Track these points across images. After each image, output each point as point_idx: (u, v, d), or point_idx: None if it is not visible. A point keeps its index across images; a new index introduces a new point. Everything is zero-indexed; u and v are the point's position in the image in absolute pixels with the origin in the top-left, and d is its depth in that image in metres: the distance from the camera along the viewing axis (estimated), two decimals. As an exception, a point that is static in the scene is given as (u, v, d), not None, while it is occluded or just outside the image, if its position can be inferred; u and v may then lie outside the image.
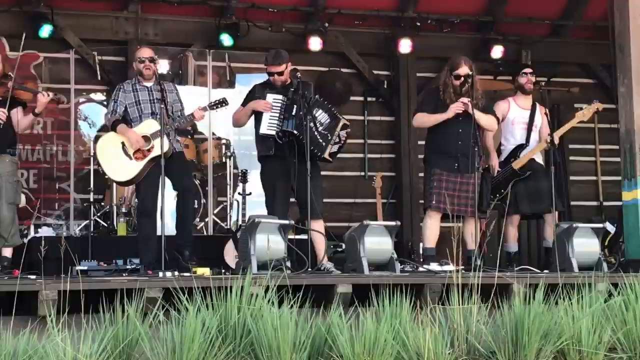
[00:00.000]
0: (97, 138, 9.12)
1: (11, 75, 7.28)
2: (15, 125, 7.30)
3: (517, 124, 8.28)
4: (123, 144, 7.39)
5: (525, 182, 8.18)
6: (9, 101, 7.15)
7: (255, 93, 7.66)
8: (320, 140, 7.42)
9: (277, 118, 7.44)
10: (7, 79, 7.23)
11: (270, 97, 7.51)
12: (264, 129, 7.47)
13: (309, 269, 7.16)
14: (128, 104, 7.51)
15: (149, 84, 7.53)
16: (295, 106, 7.35)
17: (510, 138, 8.31)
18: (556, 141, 8.03)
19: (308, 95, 7.47)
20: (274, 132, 7.41)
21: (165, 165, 7.16)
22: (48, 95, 7.27)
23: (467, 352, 5.83)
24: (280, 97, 7.50)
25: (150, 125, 7.34)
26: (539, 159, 8.33)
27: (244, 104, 7.69)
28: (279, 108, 7.46)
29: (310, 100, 7.45)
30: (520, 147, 8.24)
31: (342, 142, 7.57)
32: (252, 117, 7.62)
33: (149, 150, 7.32)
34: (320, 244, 7.45)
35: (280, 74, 7.55)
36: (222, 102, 7.59)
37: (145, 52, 7.61)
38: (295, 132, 7.30)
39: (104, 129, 9.71)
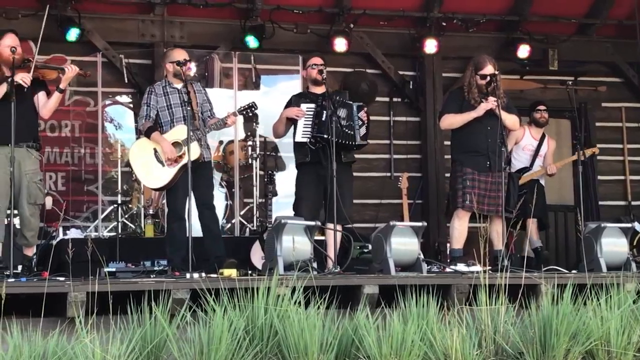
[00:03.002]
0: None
1: (30, 59, 7.11)
2: (40, 110, 7.14)
3: (526, 150, 9.43)
4: (155, 150, 7.45)
5: (527, 196, 8.29)
6: (29, 84, 6.95)
7: (292, 103, 7.94)
8: (348, 132, 7.69)
9: (310, 126, 7.71)
10: (27, 62, 7.07)
11: (304, 107, 7.78)
12: (298, 137, 7.76)
13: (335, 270, 7.20)
14: (160, 108, 7.56)
15: (178, 86, 7.52)
16: (324, 112, 7.58)
17: (517, 160, 9.37)
18: (554, 171, 9.35)
19: (337, 99, 7.72)
20: (307, 140, 7.67)
21: (193, 171, 7.22)
22: (75, 68, 7.12)
23: (495, 352, 5.81)
24: (313, 105, 7.73)
25: (181, 131, 7.32)
26: (542, 180, 9.40)
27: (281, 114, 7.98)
28: (312, 116, 7.70)
29: (335, 102, 7.65)
30: (524, 169, 9.31)
31: (365, 122, 7.83)
32: (293, 126, 7.88)
33: (180, 157, 7.36)
34: (331, 248, 7.53)
35: (321, 69, 7.81)
36: (251, 107, 7.67)
37: (184, 54, 7.58)
38: (325, 136, 7.51)
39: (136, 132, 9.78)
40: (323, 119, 7.57)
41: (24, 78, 6.94)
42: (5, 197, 6.92)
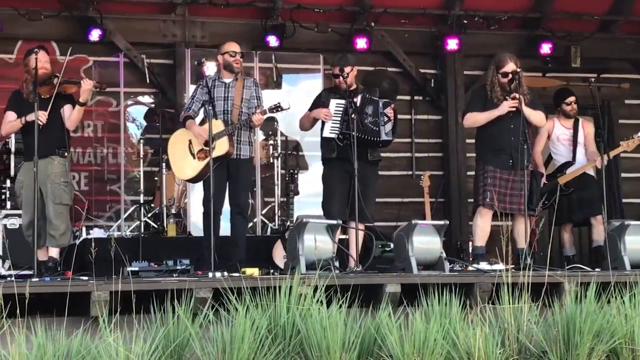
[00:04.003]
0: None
1: (58, 75, 7.35)
2: (65, 122, 7.36)
3: (561, 141, 8.82)
4: (190, 141, 7.53)
5: (576, 194, 8.45)
6: (53, 99, 7.20)
7: (322, 98, 7.94)
8: (374, 128, 7.68)
9: (338, 122, 7.69)
10: (53, 78, 7.33)
11: (333, 103, 7.75)
12: (326, 133, 7.76)
13: (357, 269, 7.21)
14: (205, 101, 7.60)
15: (227, 80, 7.59)
16: (354, 108, 7.60)
17: (558, 154, 8.85)
18: (600, 164, 8.33)
19: (366, 96, 7.72)
20: (335, 136, 7.68)
21: (228, 168, 7.33)
22: (90, 82, 7.30)
23: (518, 351, 5.79)
24: (343, 101, 7.72)
25: (215, 126, 7.33)
26: (589, 171, 8.75)
27: (311, 109, 7.96)
28: (341, 112, 7.69)
29: (364, 100, 7.69)
30: (567, 164, 8.73)
31: (391, 118, 7.78)
32: (320, 121, 7.88)
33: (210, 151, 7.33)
34: (354, 247, 7.53)
35: (344, 77, 7.72)
36: (280, 107, 7.56)
37: (236, 46, 7.71)
38: (353, 133, 7.51)
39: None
40: (353, 115, 7.58)
41: (40, 117, 7.13)
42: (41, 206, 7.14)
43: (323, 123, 7.82)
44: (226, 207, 7.69)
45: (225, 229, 7.77)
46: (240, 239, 7.58)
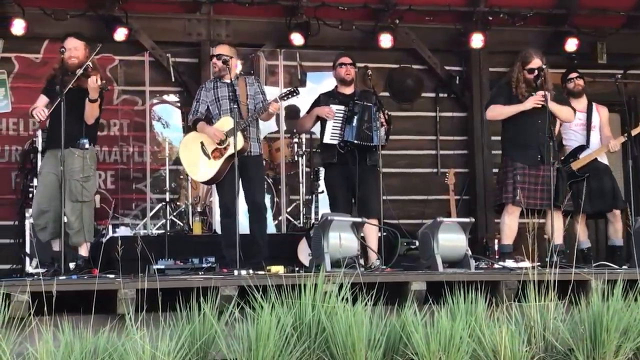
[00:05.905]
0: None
1: (90, 65, 7.22)
2: (86, 117, 7.23)
3: (574, 125, 8.41)
4: (202, 143, 7.51)
5: (587, 182, 8.19)
6: (73, 90, 7.06)
7: (320, 102, 8.03)
8: (368, 133, 7.77)
9: (339, 128, 7.82)
10: (79, 70, 7.17)
11: (333, 108, 7.88)
12: (327, 139, 7.88)
13: (383, 266, 7.21)
14: (209, 102, 7.64)
15: (228, 80, 7.58)
16: (355, 117, 7.74)
17: (570, 139, 8.51)
18: (617, 148, 8.36)
19: (365, 104, 7.82)
20: (335, 142, 7.81)
21: (240, 167, 7.27)
22: (96, 81, 7.08)
23: (545, 349, 5.77)
24: (343, 107, 7.83)
25: (226, 123, 7.40)
26: (603, 159, 8.46)
27: (309, 111, 8.09)
28: (341, 119, 7.82)
29: (361, 106, 7.80)
30: (580, 149, 8.43)
31: (383, 123, 7.85)
32: (318, 124, 8.00)
33: (225, 149, 7.39)
34: (372, 242, 7.59)
35: (351, 65, 7.94)
36: (293, 92, 7.59)
37: (225, 50, 7.72)
38: (355, 141, 7.71)
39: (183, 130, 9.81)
40: (353, 124, 7.71)
41: (39, 113, 7.13)
42: (56, 199, 7.03)
43: (322, 128, 7.90)
44: (244, 206, 7.69)
45: (244, 227, 7.75)
46: (260, 237, 7.57)
